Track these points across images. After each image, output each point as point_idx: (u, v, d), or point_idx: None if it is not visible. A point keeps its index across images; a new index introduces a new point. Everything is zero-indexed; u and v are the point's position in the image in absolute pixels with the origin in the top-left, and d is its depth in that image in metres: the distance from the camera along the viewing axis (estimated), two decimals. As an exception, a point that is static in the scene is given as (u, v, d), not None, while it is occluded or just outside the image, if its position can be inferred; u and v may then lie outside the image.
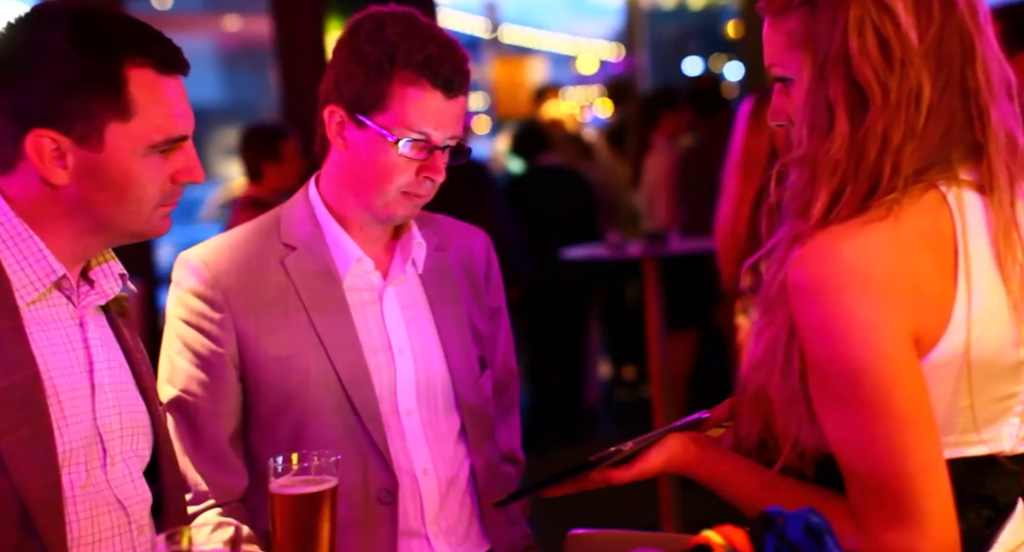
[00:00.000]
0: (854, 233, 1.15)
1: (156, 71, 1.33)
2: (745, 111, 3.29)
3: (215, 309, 1.59)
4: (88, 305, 1.39)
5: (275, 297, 1.61)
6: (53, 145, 1.29)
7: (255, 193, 4.17)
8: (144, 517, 1.40)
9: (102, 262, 1.42)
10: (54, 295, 1.35)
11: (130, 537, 1.37)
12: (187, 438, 1.58)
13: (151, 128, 1.32)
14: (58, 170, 1.30)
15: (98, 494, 1.34)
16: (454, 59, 1.58)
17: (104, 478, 1.35)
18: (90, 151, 1.30)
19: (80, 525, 1.32)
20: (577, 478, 1.33)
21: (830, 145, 1.18)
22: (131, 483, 1.39)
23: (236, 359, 1.59)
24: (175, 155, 1.35)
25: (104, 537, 1.34)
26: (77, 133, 1.29)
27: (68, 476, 1.31)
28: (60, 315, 1.36)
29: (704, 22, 12.40)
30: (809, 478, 1.22)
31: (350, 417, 1.59)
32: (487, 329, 1.77)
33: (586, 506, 2.02)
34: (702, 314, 4.79)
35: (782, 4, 1.23)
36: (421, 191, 1.61)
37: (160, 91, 1.33)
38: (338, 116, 1.60)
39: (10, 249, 1.32)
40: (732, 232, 3.28)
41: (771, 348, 1.20)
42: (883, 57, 1.16)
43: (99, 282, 1.41)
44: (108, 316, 1.44)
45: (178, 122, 1.34)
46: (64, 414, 1.31)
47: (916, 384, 1.13)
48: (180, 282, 1.62)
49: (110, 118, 1.30)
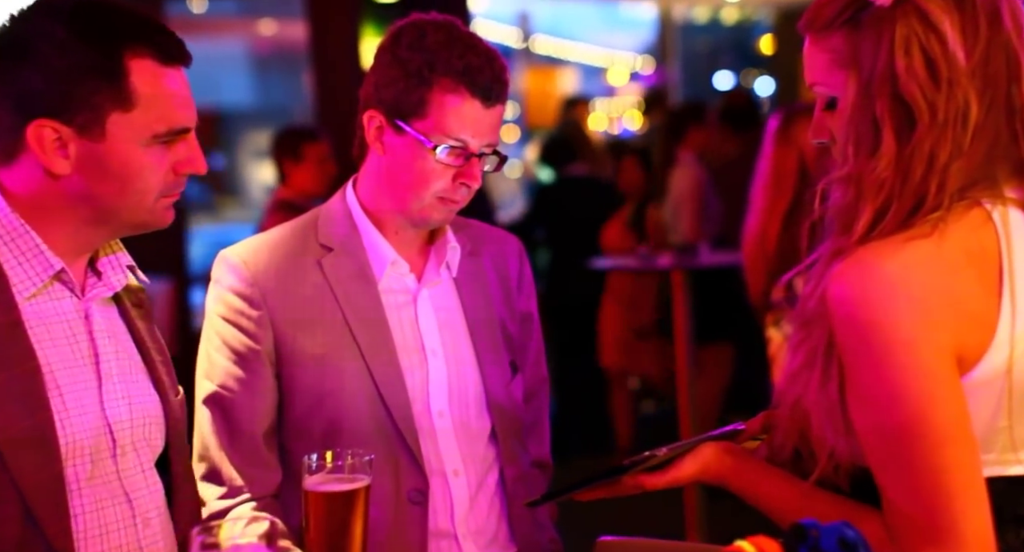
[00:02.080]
0: (897, 249, 1.15)
1: (157, 62, 1.33)
2: (773, 127, 3.31)
3: (253, 307, 1.61)
4: (94, 297, 1.38)
5: (312, 297, 1.63)
6: (55, 135, 1.29)
7: (284, 195, 4.21)
8: (151, 510, 1.40)
9: (109, 253, 1.42)
10: (56, 288, 1.35)
11: (135, 531, 1.37)
12: (223, 433, 1.60)
13: (153, 118, 1.32)
14: (60, 160, 1.30)
15: (105, 486, 1.34)
16: (493, 68, 1.60)
17: (114, 469, 1.36)
18: (92, 141, 1.30)
19: (86, 518, 1.32)
20: (610, 482, 1.34)
21: (876, 163, 1.18)
22: (141, 474, 1.39)
23: (273, 356, 1.61)
24: (177, 146, 1.35)
25: (110, 530, 1.34)
26: (79, 123, 1.29)
27: (72, 469, 1.31)
28: (63, 308, 1.35)
29: (737, 37, 12.37)
30: (844, 491, 1.22)
31: (383, 417, 1.61)
32: (519, 334, 1.78)
33: (610, 513, 2.02)
34: (737, 327, 4.79)
35: (825, 23, 1.23)
36: (457, 197, 1.63)
37: (162, 82, 1.33)
38: (377, 121, 1.62)
39: (7, 245, 1.32)
40: (760, 246, 3.30)
41: (808, 361, 1.20)
42: (930, 76, 1.17)
43: (106, 274, 1.41)
44: (121, 308, 1.44)
45: (180, 113, 1.34)
46: (67, 407, 1.31)
47: (957, 402, 1.13)
48: (219, 280, 1.65)
49: (112, 108, 1.30)
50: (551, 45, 11.07)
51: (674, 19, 10.68)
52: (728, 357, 5.03)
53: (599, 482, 1.35)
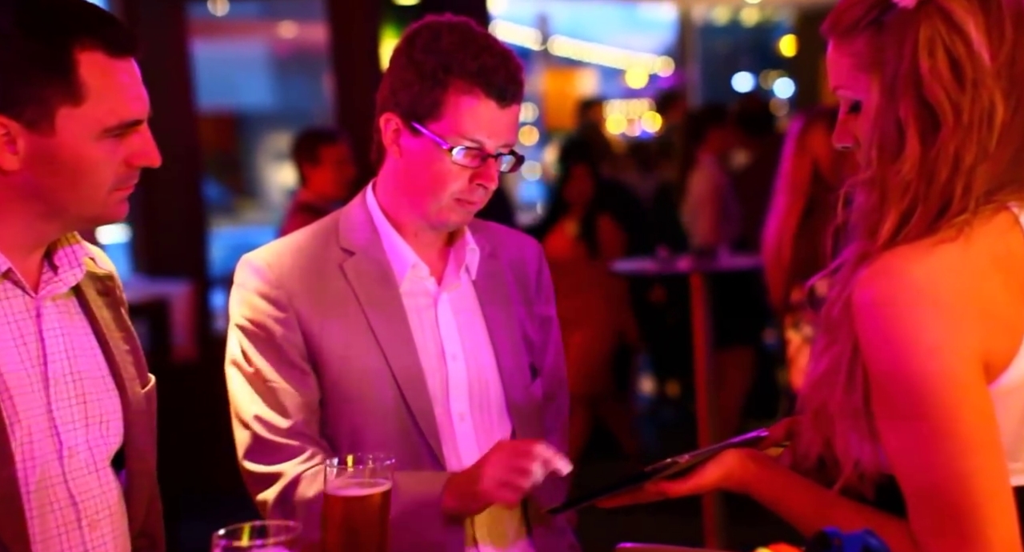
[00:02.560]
0: (923, 253, 1.14)
1: (107, 54, 1.30)
2: (794, 132, 3.32)
3: (280, 309, 1.61)
4: (47, 294, 1.36)
5: (335, 300, 1.63)
6: (3, 130, 1.27)
7: (305, 198, 4.21)
8: (101, 511, 1.38)
9: (65, 245, 1.39)
10: (6, 287, 1.33)
11: (79, 534, 1.35)
12: (277, 412, 1.59)
13: (104, 112, 1.29)
14: (8, 156, 1.28)
15: (50, 489, 1.32)
16: (508, 68, 1.60)
17: (60, 471, 1.33)
18: (41, 136, 1.28)
19: (32, 522, 1.30)
20: (632, 489, 1.33)
21: (900, 166, 1.17)
22: (93, 474, 1.37)
23: (305, 354, 1.61)
24: (130, 138, 1.33)
25: (51, 536, 1.33)
26: (27, 118, 1.27)
27: (23, 472, 1.29)
28: (13, 307, 1.33)
29: (756, 38, 12.34)
30: (869, 500, 1.21)
31: (406, 419, 1.61)
32: (538, 337, 1.78)
33: (627, 519, 2.02)
34: (758, 332, 4.77)
35: (848, 26, 1.22)
36: (474, 198, 1.63)
37: (112, 74, 1.30)
38: (394, 124, 1.63)
39: None
40: (778, 250, 3.32)
41: (834, 367, 1.20)
42: (955, 78, 1.16)
43: (63, 268, 1.38)
44: (81, 299, 1.41)
45: (131, 106, 1.32)
46: (16, 409, 1.29)
47: (983, 408, 1.12)
48: (244, 283, 1.64)
49: (61, 102, 1.28)
50: (570, 47, 11.07)
51: (694, 20, 10.66)
52: (749, 362, 5.00)
53: (621, 489, 1.34)
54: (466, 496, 1.52)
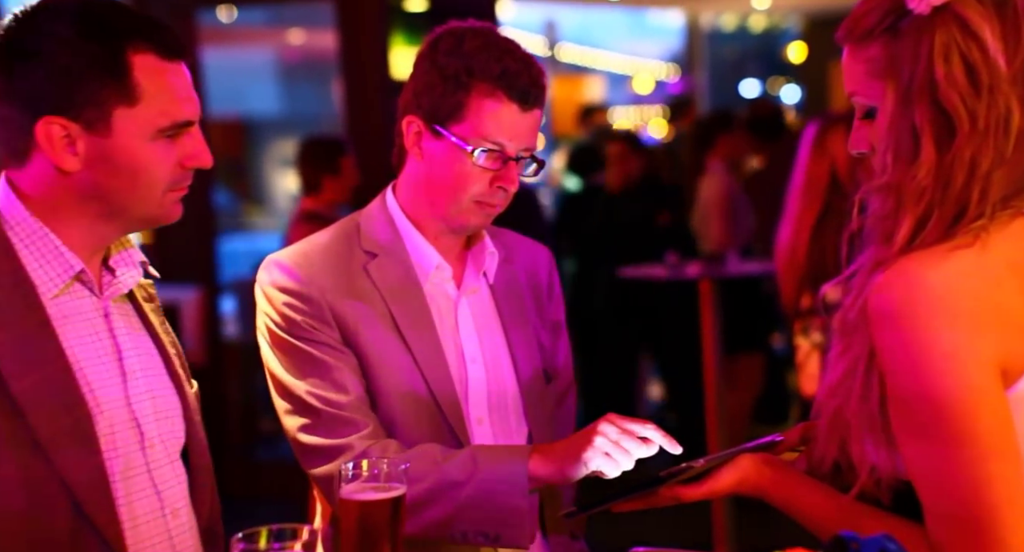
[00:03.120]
0: (939, 260, 1.14)
1: (159, 57, 1.35)
2: (809, 136, 3.31)
3: (314, 304, 1.60)
4: (111, 295, 1.42)
5: (361, 301, 1.62)
6: (63, 132, 1.32)
7: (312, 206, 4.20)
8: (179, 501, 1.43)
9: (120, 249, 1.44)
10: (76, 288, 1.39)
11: (163, 522, 1.40)
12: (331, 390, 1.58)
13: (156, 113, 1.34)
14: (69, 157, 1.33)
15: (135, 478, 1.38)
16: (530, 73, 1.61)
17: (143, 461, 1.39)
18: (99, 137, 1.33)
19: (121, 510, 1.35)
20: (646, 494, 1.33)
21: (916, 172, 1.17)
22: (169, 465, 1.42)
23: (343, 343, 1.60)
24: (182, 140, 1.38)
25: (141, 522, 1.38)
26: (86, 119, 1.32)
27: (109, 462, 1.34)
28: (84, 307, 1.39)
29: (764, 44, 12.34)
30: (885, 505, 1.21)
31: (437, 418, 1.61)
32: (549, 343, 1.79)
33: (637, 523, 2.01)
34: (767, 337, 4.76)
35: (863, 32, 1.23)
36: (494, 201, 1.63)
37: (164, 76, 1.36)
38: (416, 126, 1.63)
39: (28, 248, 1.36)
40: (792, 255, 3.31)
41: (849, 373, 1.20)
42: (970, 83, 1.16)
43: (120, 271, 1.43)
44: (134, 303, 1.47)
45: (183, 107, 1.37)
46: (98, 402, 1.35)
47: (1001, 415, 1.12)
48: (275, 282, 1.62)
49: (116, 103, 1.33)
50: (577, 53, 11.09)
51: (701, 26, 10.67)
52: (759, 368, 5.00)
53: (636, 494, 1.34)
54: (564, 461, 1.48)
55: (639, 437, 1.46)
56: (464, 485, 1.50)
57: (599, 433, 1.46)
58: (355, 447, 1.56)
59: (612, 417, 1.48)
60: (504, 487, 1.50)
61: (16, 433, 1.27)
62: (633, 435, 1.46)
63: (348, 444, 1.56)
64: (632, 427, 1.46)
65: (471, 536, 1.52)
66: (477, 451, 1.54)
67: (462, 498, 1.50)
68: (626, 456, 1.45)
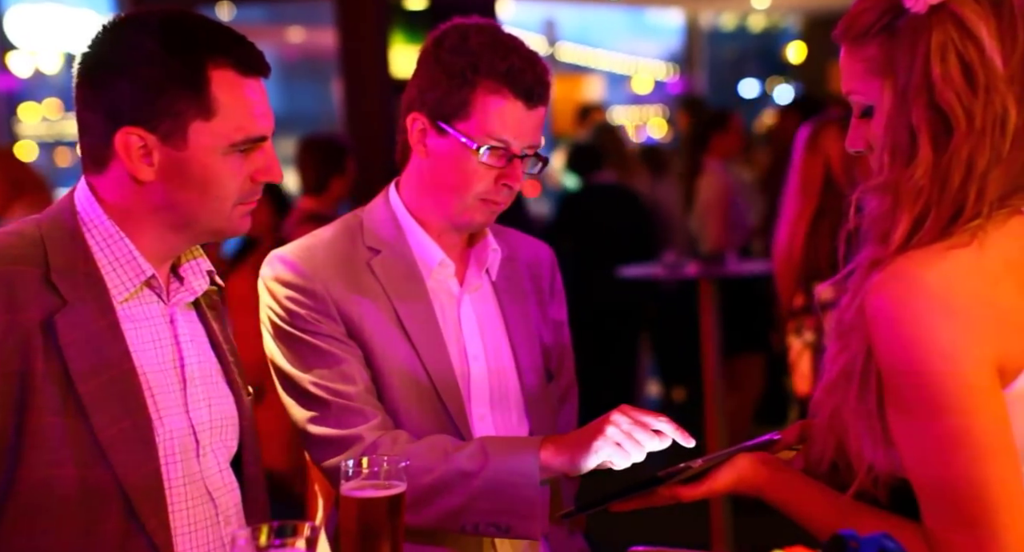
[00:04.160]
0: (936, 259, 1.14)
1: (237, 72, 1.37)
2: (803, 136, 3.32)
3: (318, 299, 1.61)
4: (178, 302, 1.44)
5: (365, 296, 1.63)
6: (140, 142, 1.35)
7: (315, 207, 4.18)
8: (231, 508, 1.45)
9: (190, 259, 1.47)
10: (145, 293, 1.41)
11: (218, 528, 1.42)
12: (339, 382, 1.58)
13: (232, 127, 1.36)
14: (145, 167, 1.35)
15: (192, 485, 1.40)
16: (535, 70, 1.61)
17: (198, 468, 1.41)
18: (174, 149, 1.35)
19: (176, 515, 1.37)
20: (645, 493, 1.34)
21: (913, 171, 1.17)
22: (219, 474, 1.44)
23: (348, 336, 1.61)
24: (255, 155, 1.40)
25: (199, 528, 1.40)
26: (163, 131, 1.34)
27: (166, 467, 1.36)
28: (151, 312, 1.41)
29: (763, 44, 12.34)
30: (883, 504, 1.21)
31: (442, 414, 1.62)
32: (551, 340, 1.79)
33: (635, 523, 2.02)
34: (768, 338, 4.76)
35: (860, 31, 1.23)
36: (499, 198, 1.63)
37: (241, 91, 1.37)
38: (420, 123, 1.63)
39: (103, 251, 1.38)
40: (789, 254, 3.31)
41: (847, 371, 1.20)
42: (967, 83, 1.16)
43: (188, 279, 1.45)
44: (199, 311, 1.48)
45: (258, 122, 1.39)
46: (158, 407, 1.37)
47: (998, 414, 1.12)
48: (278, 277, 1.63)
49: (193, 116, 1.35)
50: (576, 53, 11.08)
51: (701, 26, 10.67)
52: (759, 368, 4.99)
53: (634, 493, 1.34)
54: (575, 450, 1.48)
55: (652, 429, 1.46)
56: (475, 476, 1.50)
57: (612, 423, 1.46)
58: (365, 438, 1.56)
59: (626, 408, 1.48)
60: (516, 478, 1.50)
61: (78, 433, 1.30)
62: (646, 427, 1.46)
63: (358, 434, 1.56)
64: (645, 419, 1.46)
65: (482, 527, 1.53)
66: (487, 442, 1.54)
67: (473, 489, 1.50)
68: (637, 448, 1.45)
